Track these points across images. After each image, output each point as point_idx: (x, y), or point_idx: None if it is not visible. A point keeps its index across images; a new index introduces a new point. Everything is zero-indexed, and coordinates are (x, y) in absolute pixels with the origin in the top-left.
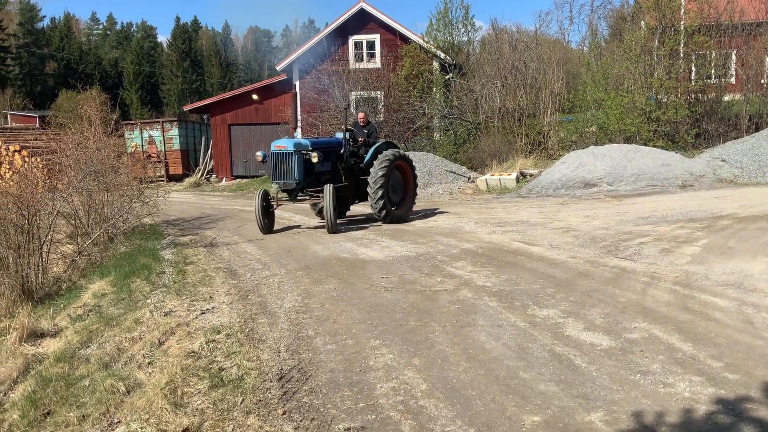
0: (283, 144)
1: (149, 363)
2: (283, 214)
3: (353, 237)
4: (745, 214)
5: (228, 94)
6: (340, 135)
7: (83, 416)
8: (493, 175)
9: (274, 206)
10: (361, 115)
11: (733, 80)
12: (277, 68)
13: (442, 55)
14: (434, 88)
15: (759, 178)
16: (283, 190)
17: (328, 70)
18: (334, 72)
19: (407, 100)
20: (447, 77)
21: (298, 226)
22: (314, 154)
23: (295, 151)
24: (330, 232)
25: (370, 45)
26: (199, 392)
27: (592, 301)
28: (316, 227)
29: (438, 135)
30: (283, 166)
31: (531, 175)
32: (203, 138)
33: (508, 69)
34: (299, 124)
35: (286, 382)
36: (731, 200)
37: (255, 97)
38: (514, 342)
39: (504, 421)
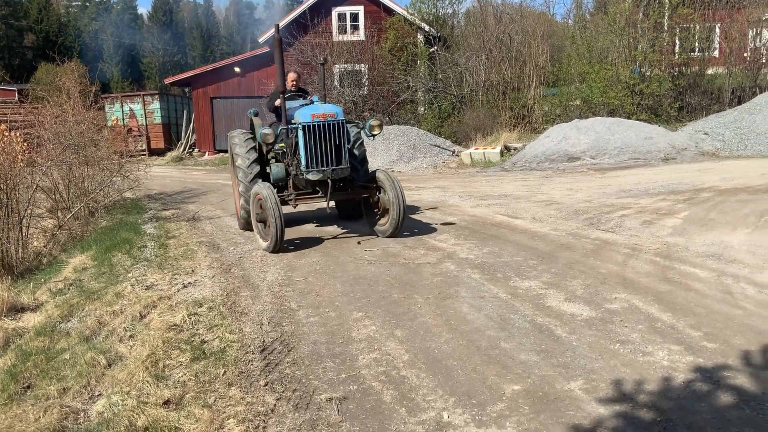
0: (328, 110)
1: (130, 336)
2: None
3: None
4: (726, 186)
5: (210, 67)
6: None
7: (64, 389)
8: (477, 148)
9: (293, 205)
10: (291, 75)
11: (716, 53)
12: (260, 41)
13: (427, 28)
14: (419, 61)
15: (741, 151)
16: (325, 182)
17: (311, 42)
18: (317, 44)
19: (391, 74)
20: (431, 50)
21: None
22: (375, 122)
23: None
24: (391, 234)
25: (354, 17)
26: (181, 365)
27: (573, 272)
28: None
29: (422, 109)
30: (329, 144)
31: (515, 148)
32: (185, 111)
33: (493, 42)
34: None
35: (269, 354)
36: (713, 173)
37: (237, 69)
38: (495, 313)
39: (485, 390)
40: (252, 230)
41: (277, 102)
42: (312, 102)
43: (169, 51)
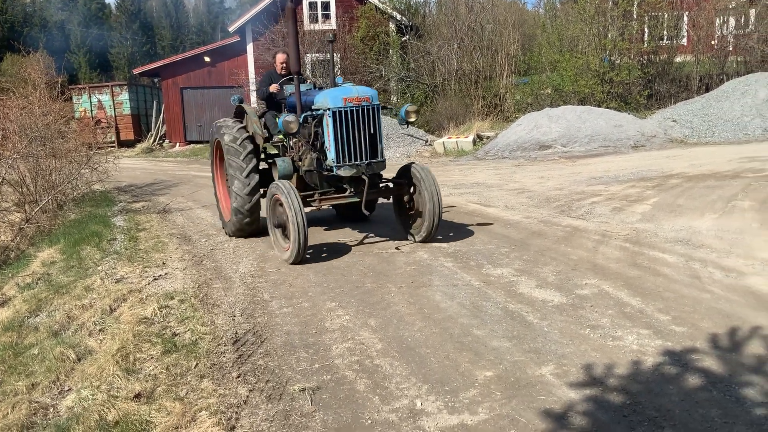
0: (362, 93)
1: (100, 330)
2: None
3: None
4: (694, 173)
5: (179, 57)
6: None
7: (32, 385)
8: (450, 137)
9: (317, 207)
10: (280, 57)
11: (684, 41)
12: (230, 30)
13: (399, 17)
14: (391, 51)
15: (708, 138)
16: (357, 178)
17: (282, 31)
18: (288, 33)
19: (364, 63)
20: (403, 39)
21: None
22: (411, 107)
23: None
24: (424, 239)
25: (325, 5)
26: (152, 358)
27: (545, 259)
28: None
29: (395, 98)
30: (364, 133)
31: (487, 137)
32: (155, 102)
33: (465, 31)
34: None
35: (241, 345)
36: (681, 159)
37: (207, 59)
38: (468, 301)
39: (457, 377)
40: (244, 236)
41: (271, 88)
42: (336, 84)
43: (138, 41)
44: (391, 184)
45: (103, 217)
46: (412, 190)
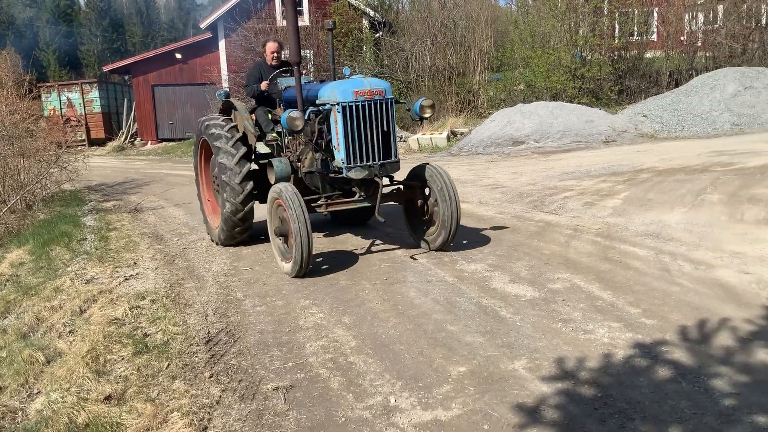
0: (375, 86)
1: (70, 332)
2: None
3: None
4: (664, 167)
5: (150, 54)
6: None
7: (0, 388)
8: (424, 134)
9: (324, 213)
10: (271, 46)
11: (654, 37)
12: (201, 26)
13: (372, 13)
14: (364, 47)
15: (678, 133)
16: (370, 180)
17: (255, 27)
18: (260, 30)
19: (337, 59)
20: (377, 35)
21: None
22: (427, 102)
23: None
24: (440, 247)
25: (298, 2)
26: (123, 359)
27: (518, 254)
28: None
29: None
30: (377, 130)
31: (461, 133)
32: (126, 100)
33: (438, 27)
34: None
35: (214, 345)
36: (651, 154)
37: (178, 56)
38: (442, 296)
39: (431, 373)
40: (233, 246)
41: (262, 86)
42: (344, 75)
43: (108, 38)
44: (402, 187)
45: (73, 216)
46: (425, 193)
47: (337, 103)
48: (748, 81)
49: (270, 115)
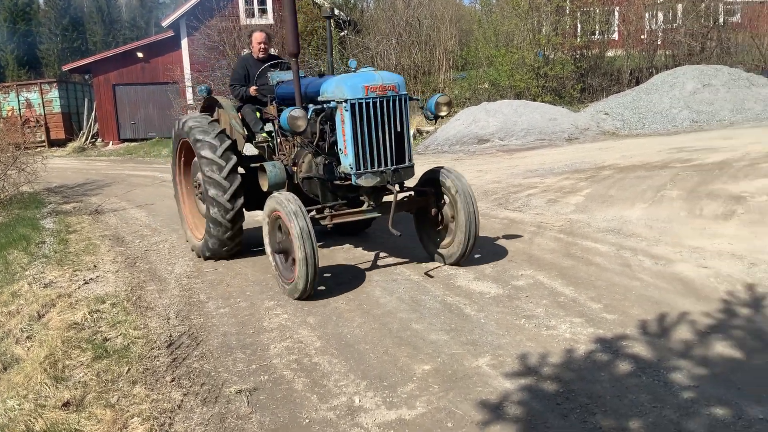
0: (387, 80)
1: (28, 337)
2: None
3: None
4: (625, 164)
5: (111, 53)
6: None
7: None
8: None
9: (328, 225)
10: (258, 36)
11: (615, 36)
12: (163, 24)
13: (336, 12)
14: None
15: (639, 130)
16: (384, 186)
17: (218, 26)
18: (224, 28)
19: (302, 58)
20: (342, 34)
21: None
22: (443, 99)
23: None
24: (457, 261)
25: (261, 0)
26: (82, 364)
27: (482, 251)
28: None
29: None
30: (389, 132)
31: (427, 132)
32: (86, 100)
33: (403, 26)
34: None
35: (176, 348)
36: (613, 151)
37: (140, 55)
38: (407, 295)
39: (396, 372)
40: (218, 259)
41: (251, 91)
42: (350, 69)
43: (68, 37)
44: (413, 194)
45: (32, 219)
46: (439, 200)
47: (345, 101)
48: (707, 79)
49: (259, 114)
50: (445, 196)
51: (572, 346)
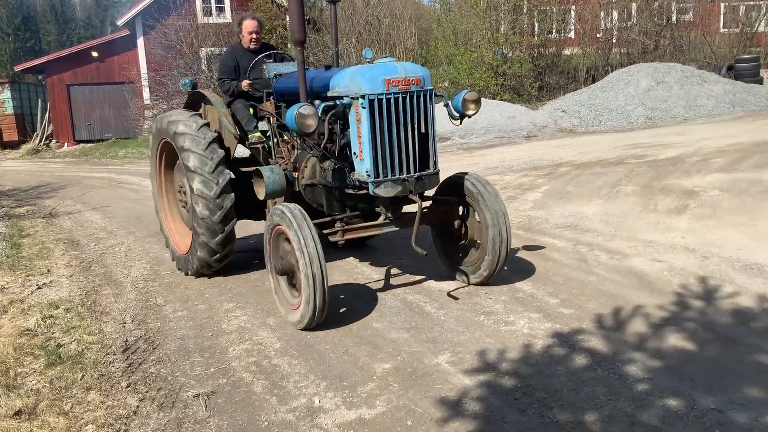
0: (411, 72)
1: None
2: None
3: None
4: (582, 160)
5: (65, 52)
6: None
7: None
8: None
9: (339, 242)
10: (249, 24)
11: (572, 35)
12: (118, 23)
13: None
14: (289, 45)
15: (595, 127)
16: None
17: (175, 25)
18: (181, 27)
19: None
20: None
21: None
22: (471, 96)
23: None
24: (484, 281)
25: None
26: (35, 371)
27: None
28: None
29: None
30: (412, 133)
31: None
32: (40, 100)
33: (362, 25)
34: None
35: (132, 353)
36: (570, 148)
37: (95, 54)
38: (368, 294)
39: (356, 372)
40: (206, 275)
41: (243, 86)
42: (367, 60)
43: (21, 36)
44: (433, 204)
45: None
46: (463, 211)
47: (362, 96)
48: (660, 76)
49: (252, 110)
50: (469, 207)
51: (530, 341)
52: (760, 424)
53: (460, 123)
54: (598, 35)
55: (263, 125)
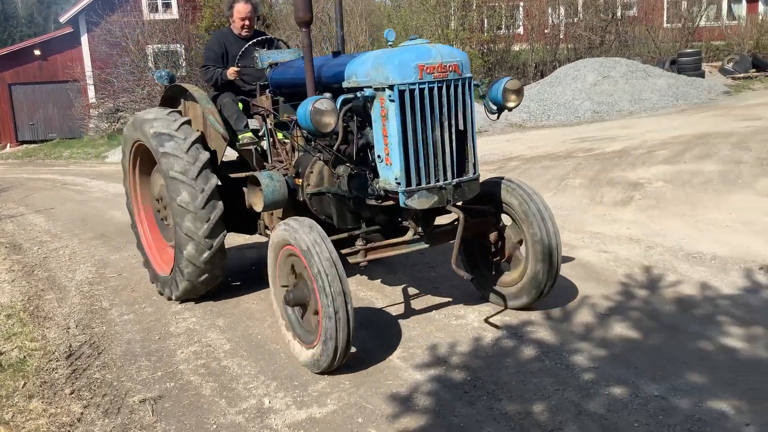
0: (447, 56)
1: None
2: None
3: None
4: (531, 155)
5: (5, 51)
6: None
7: None
8: None
9: (361, 264)
10: (242, 8)
11: (520, 30)
12: (61, 20)
13: None
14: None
15: (544, 121)
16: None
17: (120, 21)
18: (126, 24)
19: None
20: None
21: None
22: (513, 84)
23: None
24: (526, 305)
25: None
26: None
27: None
28: None
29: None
30: (450, 130)
31: None
32: None
33: (313, 21)
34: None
35: (76, 359)
36: (520, 143)
37: (37, 52)
38: None
39: (307, 371)
40: (192, 300)
41: (229, 74)
42: (390, 43)
43: None
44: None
45: None
46: (500, 222)
47: (389, 87)
48: (606, 71)
49: (241, 106)
50: (511, 218)
51: (480, 334)
52: (702, 409)
53: (497, 118)
54: (545, 31)
55: (254, 123)
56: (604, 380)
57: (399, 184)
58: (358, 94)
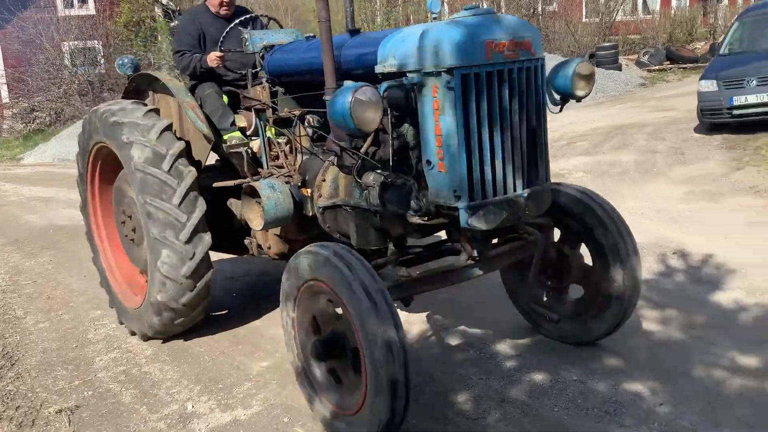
0: (519, 32)
1: None
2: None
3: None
4: None
5: None
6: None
7: None
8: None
9: (407, 300)
10: None
11: None
12: None
13: (165, 1)
14: (159, 37)
15: None
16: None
17: (33, 18)
18: (40, 20)
19: (130, 50)
20: (172, 25)
21: None
22: (586, 69)
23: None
24: (598, 337)
25: None
26: None
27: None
28: None
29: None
30: (521, 126)
31: None
32: None
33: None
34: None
35: None
36: None
37: None
38: (248, 291)
39: (232, 373)
40: (161, 338)
41: (210, 61)
42: (434, 15)
43: None
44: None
45: None
46: (560, 235)
47: (447, 70)
48: None
49: (226, 98)
50: (575, 231)
51: (407, 327)
52: (618, 391)
53: (560, 110)
54: None
55: (240, 120)
56: (527, 367)
57: (459, 197)
58: (405, 81)
